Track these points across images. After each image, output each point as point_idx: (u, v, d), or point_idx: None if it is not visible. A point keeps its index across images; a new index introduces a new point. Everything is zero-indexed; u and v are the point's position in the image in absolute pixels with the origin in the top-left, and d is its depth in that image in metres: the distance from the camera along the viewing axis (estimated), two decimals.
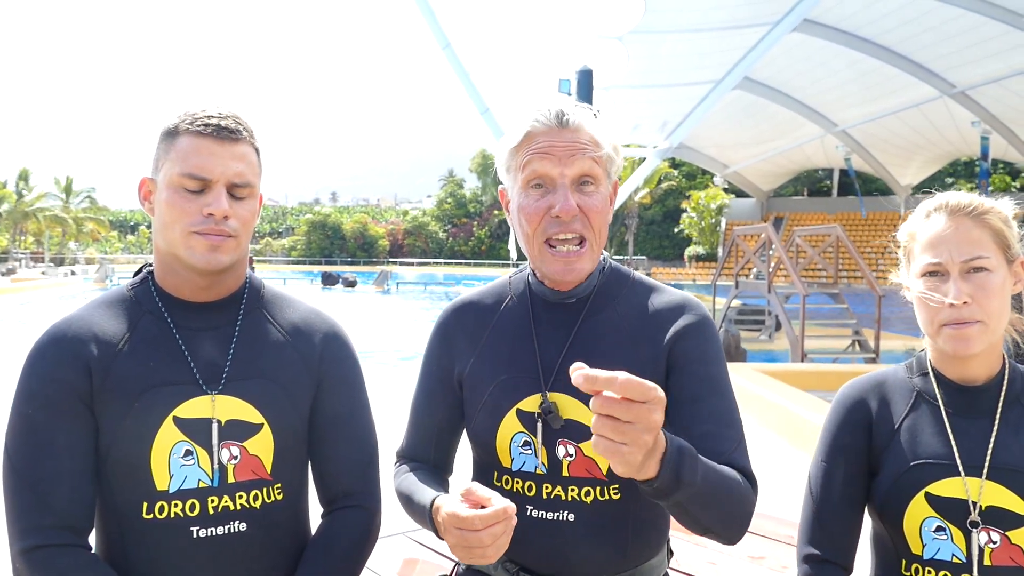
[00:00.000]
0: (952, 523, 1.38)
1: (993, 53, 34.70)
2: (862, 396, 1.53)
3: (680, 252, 61.37)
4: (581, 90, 14.74)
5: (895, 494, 1.43)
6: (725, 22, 26.17)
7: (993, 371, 1.44)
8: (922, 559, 1.40)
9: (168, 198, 1.40)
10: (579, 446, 1.43)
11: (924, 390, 1.48)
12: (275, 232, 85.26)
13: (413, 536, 3.96)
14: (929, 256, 1.41)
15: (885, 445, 1.47)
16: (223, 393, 1.42)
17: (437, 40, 27.81)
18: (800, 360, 12.61)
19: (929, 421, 1.45)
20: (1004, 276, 1.39)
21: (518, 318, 1.54)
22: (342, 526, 1.52)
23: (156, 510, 1.37)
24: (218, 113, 1.42)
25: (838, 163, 52.20)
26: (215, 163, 1.40)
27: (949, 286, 1.38)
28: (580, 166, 1.41)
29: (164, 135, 1.44)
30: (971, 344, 1.38)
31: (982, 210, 1.40)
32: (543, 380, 1.46)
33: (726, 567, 3.51)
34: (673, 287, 1.57)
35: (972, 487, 1.37)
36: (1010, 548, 1.35)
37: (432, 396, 1.63)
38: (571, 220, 1.40)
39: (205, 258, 1.41)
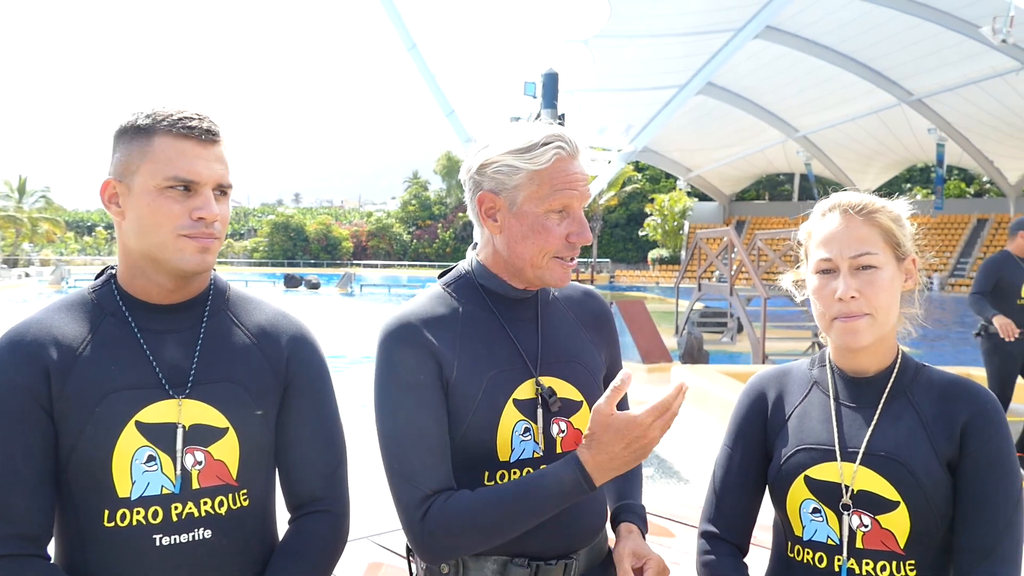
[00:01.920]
0: (827, 505, 1.44)
1: (949, 62, 35.45)
2: (763, 386, 1.62)
3: (644, 255, 61.81)
4: (546, 93, 14.79)
5: (781, 477, 1.50)
6: (689, 28, 26.43)
7: (884, 363, 1.51)
8: (802, 540, 1.48)
9: (153, 202, 1.37)
10: (569, 420, 1.56)
11: (819, 380, 1.56)
12: (237, 234, 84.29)
13: (377, 540, 3.94)
14: (822, 252, 1.48)
15: (777, 431, 1.55)
16: (189, 397, 1.39)
17: (403, 41, 27.72)
18: (761, 361, 12.75)
19: (818, 409, 1.52)
20: (893, 273, 1.45)
21: (481, 319, 1.58)
22: (310, 531, 1.49)
23: (118, 518, 1.33)
24: (196, 114, 1.40)
25: (799, 168, 52.98)
26: (201, 166, 1.38)
27: (839, 281, 1.44)
28: (586, 199, 1.55)
29: (132, 134, 1.39)
30: (859, 336, 1.44)
31: (871, 209, 1.46)
32: (531, 367, 1.56)
33: (688, 565, 3.53)
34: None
35: (846, 472, 1.43)
36: (881, 532, 1.40)
37: (434, 407, 1.49)
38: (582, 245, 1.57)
39: (196, 259, 1.39)
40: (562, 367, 1.58)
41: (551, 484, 1.41)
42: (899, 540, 1.40)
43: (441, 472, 1.46)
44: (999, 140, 42.85)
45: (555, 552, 1.53)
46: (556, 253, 1.53)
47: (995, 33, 21.86)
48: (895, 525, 1.40)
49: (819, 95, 41.58)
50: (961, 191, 58.88)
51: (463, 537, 1.42)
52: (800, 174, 53.87)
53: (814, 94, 41.59)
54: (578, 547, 1.56)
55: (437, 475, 1.45)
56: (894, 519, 1.40)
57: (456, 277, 1.64)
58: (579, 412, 1.57)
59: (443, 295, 1.60)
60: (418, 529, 1.42)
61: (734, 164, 54.85)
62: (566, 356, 1.60)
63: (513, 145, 1.51)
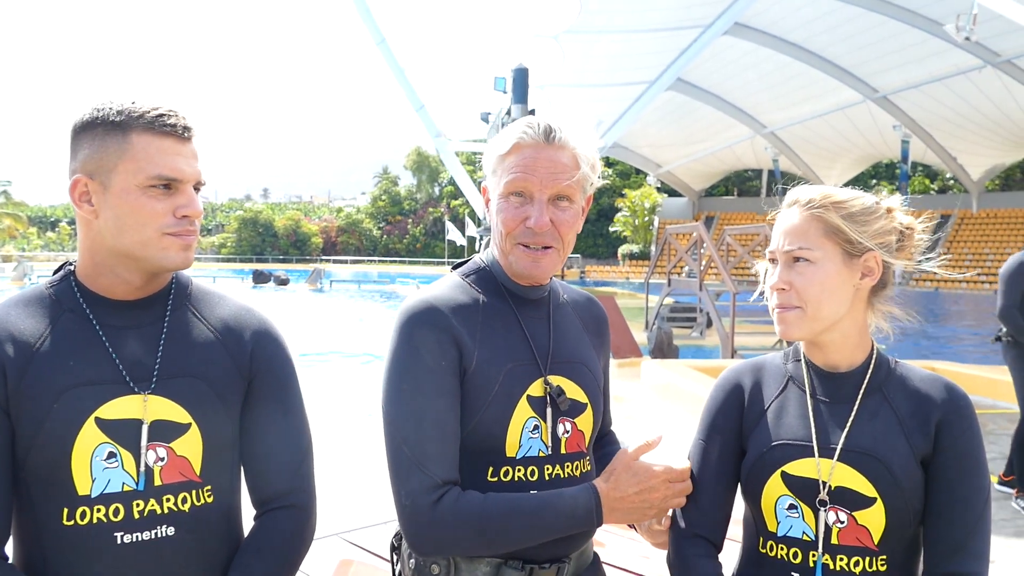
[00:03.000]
0: (803, 502, 1.43)
1: (914, 60, 36.01)
2: (738, 380, 1.60)
3: (614, 250, 62.11)
4: (517, 88, 14.80)
5: (756, 473, 1.49)
6: (659, 24, 26.57)
7: (856, 359, 1.50)
8: (776, 536, 1.46)
9: (135, 201, 1.35)
10: (574, 422, 1.56)
11: (795, 375, 1.55)
12: (204, 229, 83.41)
13: (347, 537, 3.92)
14: (772, 245, 1.52)
15: (753, 426, 1.53)
16: (154, 393, 1.37)
17: (372, 35, 27.58)
18: (731, 356, 12.87)
19: (795, 404, 1.51)
20: (833, 268, 1.44)
21: (501, 313, 1.59)
22: (275, 527, 1.47)
23: (77, 516, 1.30)
24: (172, 111, 1.38)
25: (767, 164, 53.53)
26: (182, 163, 1.37)
27: (776, 273, 1.48)
28: (557, 188, 1.52)
29: (105, 130, 1.35)
30: (789, 328, 1.46)
31: (818, 204, 1.46)
32: (541, 365, 1.55)
33: (659, 559, 3.55)
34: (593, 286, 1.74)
35: (824, 468, 1.43)
36: (857, 528, 1.40)
37: (451, 396, 1.46)
38: (541, 233, 1.53)
39: (180, 257, 1.39)
40: (570, 368, 1.58)
41: (566, 507, 1.43)
42: (873, 536, 1.40)
43: (453, 463, 1.44)
44: (962, 137, 43.63)
45: (548, 556, 1.52)
46: (517, 239, 1.53)
47: (958, 31, 22.24)
48: (871, 521, 1.40)
49: (787, 91, 42.06)
50: (925, 187, 59.83)
51: (467, 536, 1.40)
52: (768, 170, 54.41)
53: (782, 91, 42.06)
54: (570, 551, 1.56)
55: (449, 465, 1.43)
56: (870, 515, 1.40)
57: (475, 268, 1.64)
58: (584, 414, 1.57)
59: (464, 284, 1.60)
60: (424, 516, 1.39)
61: (703, 160, 55.30)
62: (574, 358, 1.61)
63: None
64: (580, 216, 1.59)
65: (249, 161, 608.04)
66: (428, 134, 30.00)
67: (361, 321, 23.56)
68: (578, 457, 1.57)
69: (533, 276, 1.56)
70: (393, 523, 1.54)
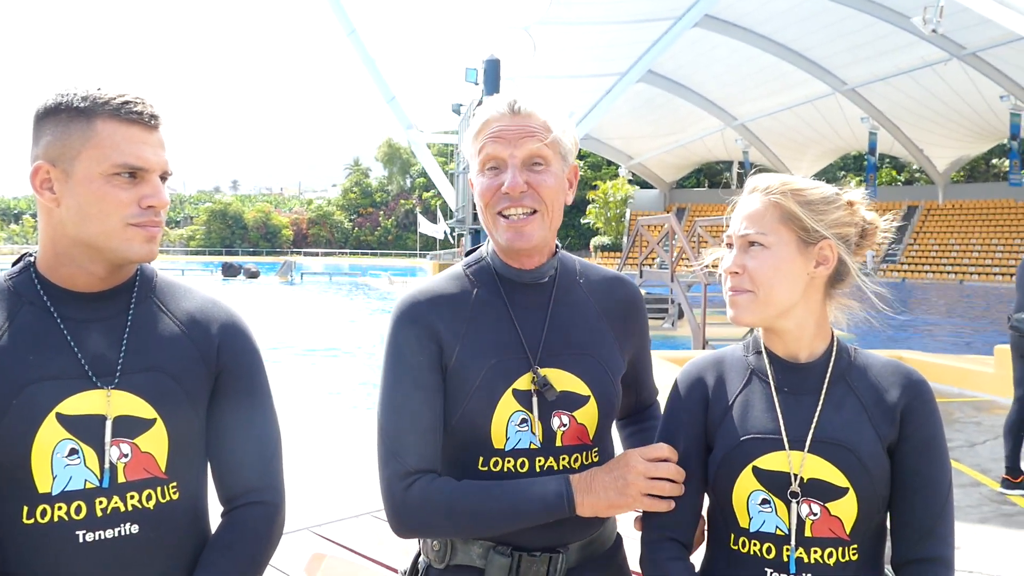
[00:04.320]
0: (776, 496, 1.42)
1: (881, 52, 36.41)
2: (700, 375, 1.58)
3: (586, 242, 62.24)
4: (488, 79, 14.74)
5: (725, 469, 1.46)
6: (630, 16, 26.61)
7: (816, 350, 1.50)
8: (748, 532, 1.45)
9: (98, 189, 1.31)
10: (572, 415, 1.53)
11: (757, 368, 1.53)
12: (173, 221, 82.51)
13: (318, 531, 3.89)
14: (729, 230, 1.52)
15: (719, 421, 1.51)
16: (117, 388, 1.33)
17: (342, 26, 27.34)
18: (702, 347, 12.96)
19: (760, 398, 1.49)
20: (786, 254, 1.44)
21: (492, 305, 1.57)
22: (243, 523, 1.44)
23: (38, 514, 1.27)
24: (139, 98, 1.35)
25: (737, 156, 53.87)
26: (148, 152, 1.33)
27: (729, 257, 1.48)
28: (529, 148, 1.49)
29: (69, 116, 1.32)
30: (740, 312, 1.46)
31: (774, 190, 1.46)
32: (530, 357, 1.52)
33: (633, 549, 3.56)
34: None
35: (795, 460, 1.42)
36: (829, 520, 1.40)
37: (430, 390, 1.50)
38: (520, 196, 1.50)
39: (144, 249, 1.35)
40: (570, 359, 1.54)
41: (536, 492, 1.42)
42: (846, 526, 1.40)
43: (427, 453, 1.48)
44: (928, 129, 44.21)
45: (541, 544, 1.51)
46: (496, 208, 1.51)
47: (925, 23, 22.52)
48: (843, 512, 1.40)
49: (757, 84, 42.35)
50: (892, 179, 60.58)
51: (437, 520, 1.45)
52: (738, 162, 54.76)
53: (752, 83, 42.34)
54: (568, 541, 1.53)
55: (423, 455, 1.48)
56: (842, 506, 1.40)
57: (476, 259, 1.63)
58: (585, 407, 1.53)
59: (461, 276, 1.60)
60: (398, 501, 1.45)
61: (674, 152, 55.57)
62: (577, 347, 1.55)
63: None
64: (562, 182, 1.54)
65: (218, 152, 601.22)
66: (399, 125, 29.86)
67: (332, 314, 23.43)
68: (579, 450, 1.54)
69: (519, 247, 1.52)
70: (363, 516, 1.53)
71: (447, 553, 1.53)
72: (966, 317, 26.71)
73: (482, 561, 1.51)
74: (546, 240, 1.55)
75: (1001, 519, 4.80)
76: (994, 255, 43.77)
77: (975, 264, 44.01)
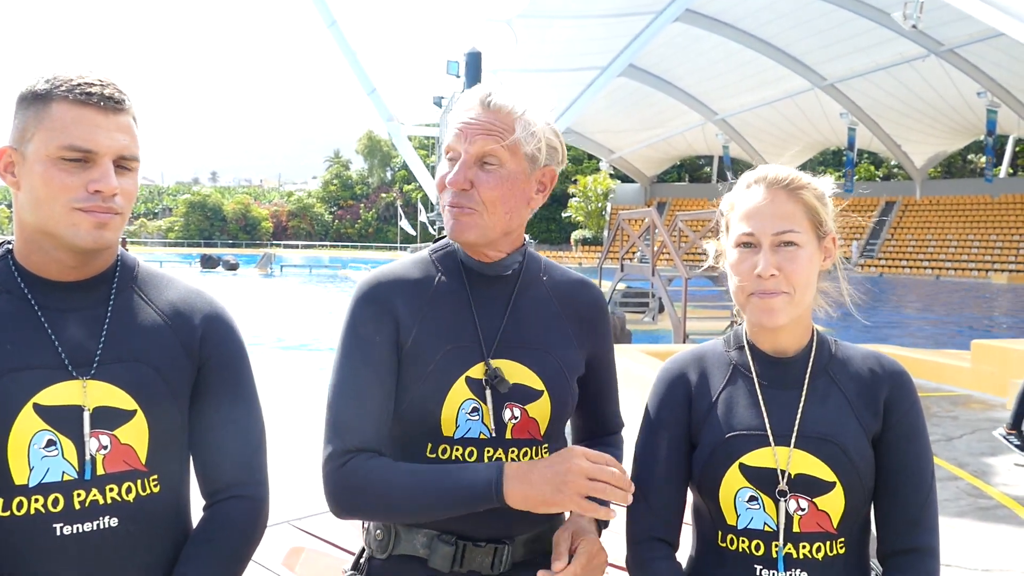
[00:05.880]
0: (764, 492, 1.41)
1: (860, 48, 36.64)
2: (682, 371, 1.55)
3: (567, 236, 62.33)
4: (469, 72, 14.70)
5: (711, 466, 1.44)
6: (611, 9, 26.61)
7: (802, 343, 1.48)
8: (736, 529, 1.43)
9: (45, 172, 1.27)
10: (524, 408, 1.50)
11: (740, 363, 1.51)
12: (151, 213, 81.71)
13: (298, 524, 3.87)
14: (743, 226, 1.44)
15: (703, 418, 1.49)
16: (94, 378, 1.31)
17: (323, 17, 27.14)
18: (683, 341, 13.01)
19: (744, 393, 1.47)
20: (813, 251, 1.42)
21: (454, 292, 1.56)
22: (226, 518, 1.42)
23: (14, 506, 1.24)
24: (98, 80, 1.31)
25: (718, 150, 54.13)
26: (100, 135, 1.28)
27: (759, 257, 1.40)
28: (481, 146, 1.47)
29: (30, 100, 1.30)
30: (776, 315, 1.41)
31: (797, 185, 1.42)
32: (484, 348, 1.51)
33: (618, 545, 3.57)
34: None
35: (781, 456, 1.40)
36: (817, 514, 1.39)
37: (380, 368, 1.48)
38: (460, 193, 1.49)
39: (91, 236, 1.29)
40: (526, 353, 1.52)
41: (464, 478, 1.39)
42: (833, 520, 1.40)
43: (369, 432, 1.46)
44: (906, 125, 44.61)
45: (486, 534, 1.49)
46: (445, 199, 1.51)
47: (906, 19, 22.66)
48: (831, 506, 1.39)
49: (737, 79, 42.52)
50: (871, 174, 61.06)
51: (369, 501, 1.43)
52: (719, 156, 55.01)
53: (732, 78, 42.50)
54: (513, 533, 1.51)
55: (364, 434, 1.45)
56: (830, 500, 1.39)
57: (443, 247, 1.63)
58: (538, 401, 1.50)
59: (425, 261, 1.60)
60: (332, 479, 1.44)
61: (655, 146, 55.72)
62: (534, 343, 1.53)
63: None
64: (515, 184, 1.50)
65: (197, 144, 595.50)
66: (380, 118, 29.69)
67: (312, 306, 23.31)
68: (528, 444, 1.51)
69: (456, 239, 1.52)
70: None
71: (390, 542, 1.50)
72: (942, 312, 26.99)
73: (426, 550, 1.47)
74: (488, 238, 1.51)
75: (978, 512, 4.86)
76: (970, 251, 44.29)
77: (951, 260, 44.52)
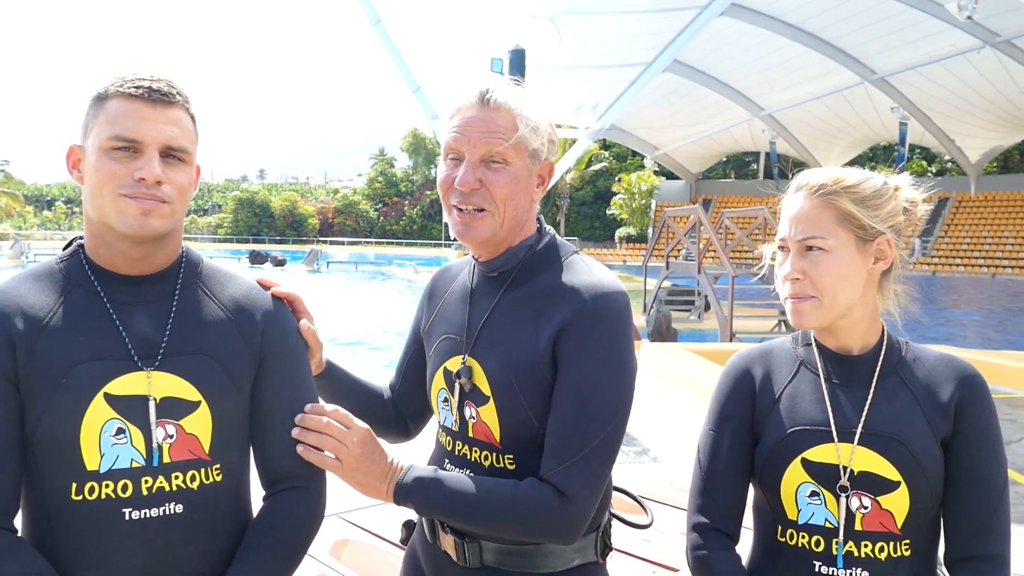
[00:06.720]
0: (825, 488, 1.41)
1: (912, 40, 35.82)
2: (747, 366, 1.57)
3: (611, 233, 62.01)
4: (513, 70, 14.70)
5: (773, 460, 1.46)
6: (655, 5, 26.38)
7: (869, 342, 1.48)
8: (796, 524, 1.44)
9: (97, 162, 1.34)
10: (478, 410, 1.51)
11: (806, 359, 1.52)
12: (200, 209, 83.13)
13: (346, 517, 3.93)
14: (780, 231, 1.48)
15: (767, 413, 1.50)
16: (159, 369, 1.36)
17: (368, 16, 27.34)
18: (729, 340, 12.88)
19: (809, 389, 1.48)
20: (848, 256, 1.41)
21: (464, 286, 1.64)
22: (285, 508, 1.47)
23: (86, 491, 1.31)
24: (150, 76, 1.37)
25: (764, 146, 53.39)
26: (146, 127, 1.34)
27: (788, 262, 1.44)
28: (487, 147, 1.47)
29: (94, 100, 1.37)
30: (804, 318, 1.43)
31: (830, 190, 1.42)
32: (465, 344, 1.55)
33: (660, 543, 3.57)
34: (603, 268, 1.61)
35: (844, 452, 1.40)
36: (880, 513, 1.38)
37: (410, 338, 1.80)
38: (471, 194, 1.49)
39: (137, 222, 1.34)
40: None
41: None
42: (897, 520, 1.39)
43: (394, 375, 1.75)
44: (960, 119, 43.50)
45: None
46: (450, 200, 1.53)
47: (960, 10, 22.11)
48: (895, 505, 1.38)
49: (784, 73, 41.85)
50: (923, 169, 59.69)
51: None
52: (765, 152, 54.27)
53: (779, 72, 41.85)
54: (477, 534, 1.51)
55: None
56: (894, 499, 1.38)
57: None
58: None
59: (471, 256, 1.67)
60: None
61: (700, 142, 55.13)
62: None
63: None
64: (524, 180, 1.51)
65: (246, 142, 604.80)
66: (424, 116, 29.84)
67: (358, 302, 23.54)
68: (488, 448, 1.50)
69: (466, 241, 1.54)
70: (387, 504, 1.55)
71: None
72: (999, 311, 26.32)
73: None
74: (497, 236, 1.52)
75: None
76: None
77: (1008, 257, 43.36)
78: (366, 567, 3.43)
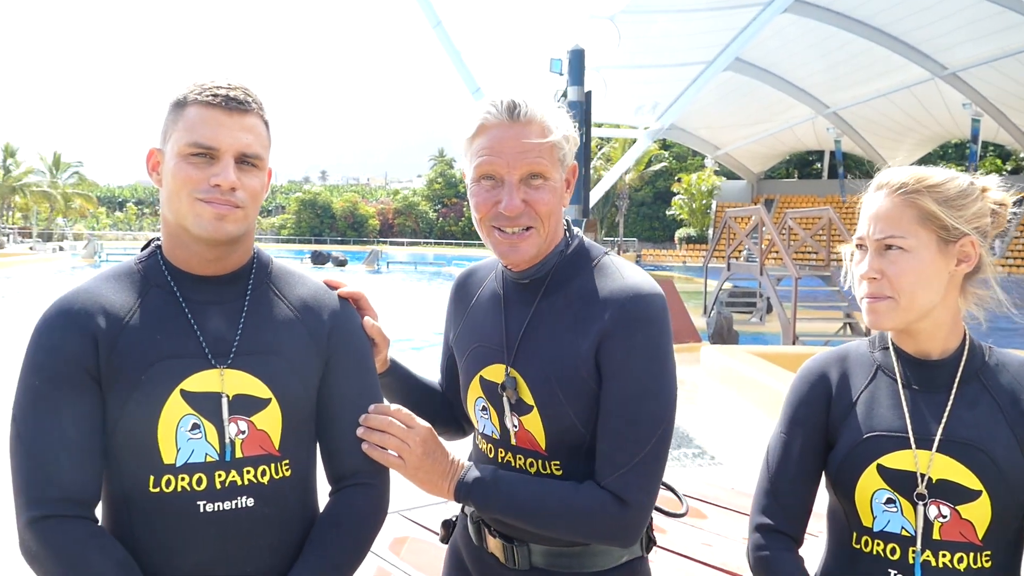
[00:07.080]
0: (902, 495, 1.38)
1: (985, 34, 34.65)
2: (823, 370, 1.54)
3: (671, 234, 61.41)
4: (573, 70, 14.67)
5: (848, 466, 1.43)
6: (716, 2, 26.06)
7: (949, 347, 1.45)
8: (872, 531, 1.41)
9: (175, 166, 1.39)
10: (521, 419, 1.52)
11: (884, 364, 1.49)
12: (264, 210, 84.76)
13: (406, 514, 3.98)
14: (859, 229, 1.46)
15: (842, 418, 1.48)
16: (232, 367, 1.42)
17: (428, 18, 27.59)
18: (792, 343, 12.67)
19: (886, 394, 1.46)
20: (928, 256, 1.38)
21: (494, 293, 1.63)
22: (351, 503, 1.51)
23: (163, 484, 1.36)
24: (227, 84, 1.42)
25: (829, 145, 52.29)
26: (223, 134, 1.39)
27: (866, 261, 1.42)
28: (527, 168, 1.46)
29: (173, 106, 1.43)
30: (880, 319, 1.41)
31: (911, 189, 1.40)
32: (506, 354, 1.54)
33: (721, 547, 3.54)
34: (649, 269, 1.61)
35: (922, 460, 1.38)
36: (960, 523, 1.35)
37: (445, 344, 1.81)
38: (517, 216, 1.48)
39: (212, 226, 1.40)
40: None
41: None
42: (978, 531, 1.35)
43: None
44: None
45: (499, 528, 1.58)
46: (492, 223, 1.50)
47: None
48: (975, 515, 1.34)
49: (850, 70, 40.89)
50: (997, 168, 57.73)
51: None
52: (830, 151, 53.15)
53: (844, 69, 40.90)
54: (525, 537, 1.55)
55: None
56: (975, 509, 1.34)
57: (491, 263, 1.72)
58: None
59: (496, 260, 1.66)
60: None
61: (762, 141, 54.22)
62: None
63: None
64: (560, 190, 1.51)
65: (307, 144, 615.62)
66: None
67: (418, 302, 23.77)
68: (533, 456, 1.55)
69: (512, 263, 1.53)
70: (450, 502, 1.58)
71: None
72: None
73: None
74: (540, 250, 1.52)
75: None
76: None
77: None
78: (426, 564, 3.46)
